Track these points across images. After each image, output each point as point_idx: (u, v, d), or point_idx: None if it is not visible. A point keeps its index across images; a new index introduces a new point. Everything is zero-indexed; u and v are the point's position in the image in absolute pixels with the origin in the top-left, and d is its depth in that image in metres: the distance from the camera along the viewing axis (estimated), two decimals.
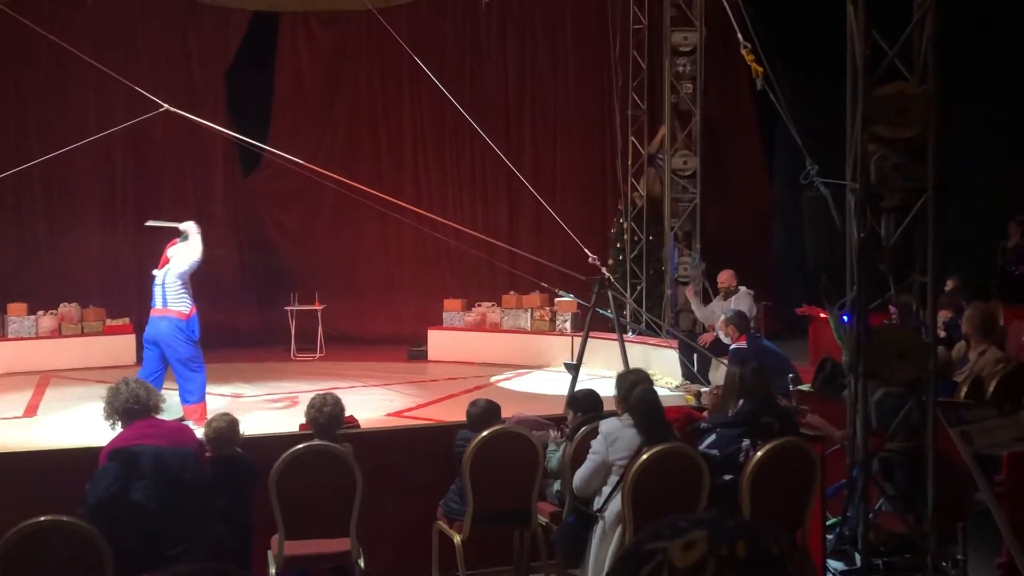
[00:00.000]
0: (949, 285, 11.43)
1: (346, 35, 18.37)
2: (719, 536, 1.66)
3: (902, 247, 7.58)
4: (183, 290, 11.18)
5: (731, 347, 11.76)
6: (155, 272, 11.34)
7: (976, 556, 7.26)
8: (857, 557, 7.47)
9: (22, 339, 16.12)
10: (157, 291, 11.20)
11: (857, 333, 7.54)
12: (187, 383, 11.06)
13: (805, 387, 9.60)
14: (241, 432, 6.83)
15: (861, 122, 7.48)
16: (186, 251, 11.28)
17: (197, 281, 18.03)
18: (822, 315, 11.98)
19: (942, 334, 9.52)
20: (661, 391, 9.67)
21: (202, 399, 11.23)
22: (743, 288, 14.04)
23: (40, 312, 16.26)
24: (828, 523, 7.56)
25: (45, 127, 16.91)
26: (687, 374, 13.28)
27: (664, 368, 13.96)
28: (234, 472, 6.52)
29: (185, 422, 9.49)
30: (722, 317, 12.12)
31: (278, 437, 7.50)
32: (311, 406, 7.12)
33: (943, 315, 9.94)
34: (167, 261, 11.30)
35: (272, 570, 6.60)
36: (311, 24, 18.50)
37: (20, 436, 11.71)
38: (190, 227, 11.42)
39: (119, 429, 6.35)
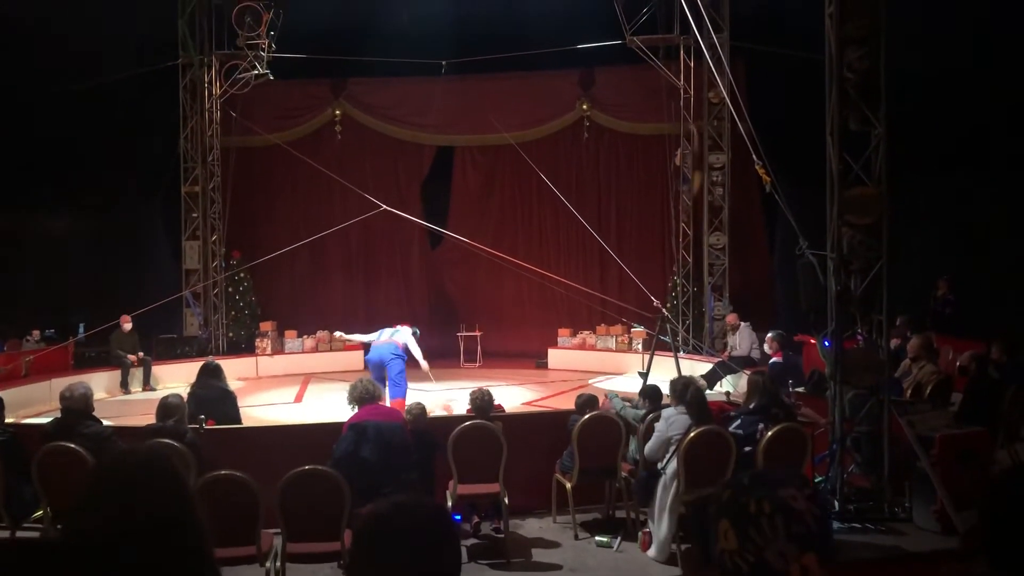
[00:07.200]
0: (899, 322, 11.05)
1: (496, 159, 18.52)
2: (735, 488, 1.61)
3: (865, 296, 7.45)
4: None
5: (771, 360, 11.32)
6: (388, 329, 11.25)
7: (918, 504, 7.06)
8: (836, 504, 7.30)
9: (293, 353, 16.54)
10: (387, 332, 11.12)
11: (835, 353, 7.42)
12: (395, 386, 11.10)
13: (801, 389, 9.41)
14: (428, 414, 6.94)
15: (837, 213, 7.38)
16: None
17: (402, 315, 18.33)
18: (811, 341, 11.67)
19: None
20: (711, 395, 9.50)
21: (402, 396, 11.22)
22: (743, 324, 13.65)
23: (304, 336, 16.68)
24: (815, 481, 7.39)
25: (308, 218, 17.34)
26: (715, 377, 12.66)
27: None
28: (425, 440, 6.62)
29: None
30: (769, 335, 11.60)
31: (453, 418, 7.59)
32: (472, 397, 7.20)
33: (894, 342, 9.63)
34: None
35: (449, 503, 6.68)
36: (474, 152, 18.74)
37: (292, 415, 12.05)
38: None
39: (355, 410, 6.50)
